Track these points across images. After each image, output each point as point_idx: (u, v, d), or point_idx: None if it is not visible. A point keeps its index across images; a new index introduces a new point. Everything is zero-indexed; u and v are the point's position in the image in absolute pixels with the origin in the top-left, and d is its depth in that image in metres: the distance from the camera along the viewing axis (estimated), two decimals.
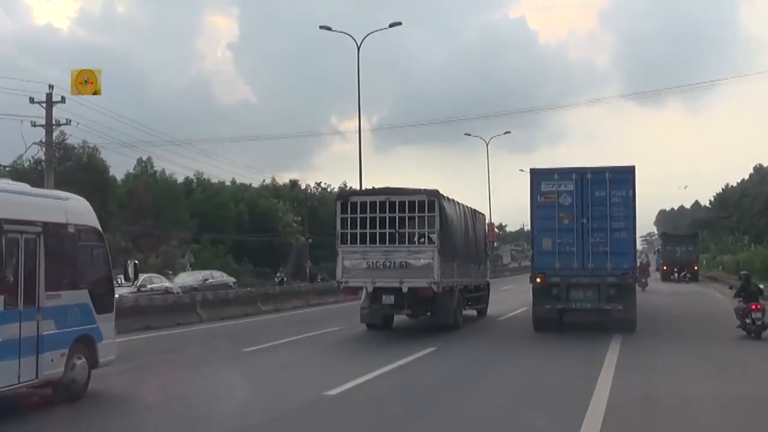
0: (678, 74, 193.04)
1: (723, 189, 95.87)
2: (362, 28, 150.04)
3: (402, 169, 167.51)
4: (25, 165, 43.35)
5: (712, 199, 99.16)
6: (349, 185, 78.73)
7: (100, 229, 10.54)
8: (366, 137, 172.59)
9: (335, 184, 77.79)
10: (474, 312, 21.86)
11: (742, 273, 19.14)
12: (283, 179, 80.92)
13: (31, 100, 28.97)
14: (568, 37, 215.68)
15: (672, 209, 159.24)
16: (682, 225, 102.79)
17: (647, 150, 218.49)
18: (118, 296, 14.06)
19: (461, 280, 19.40)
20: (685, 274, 47.86)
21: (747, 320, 16.49)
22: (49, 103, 28.98)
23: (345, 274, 17.60)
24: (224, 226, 58.52)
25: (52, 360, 9.28)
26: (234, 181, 69.44)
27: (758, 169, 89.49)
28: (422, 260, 17.07)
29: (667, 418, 8.70)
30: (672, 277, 48.51)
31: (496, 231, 73.24)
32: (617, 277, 16.88)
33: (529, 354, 14.69)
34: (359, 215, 17.37)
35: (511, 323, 20.66)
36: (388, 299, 17.45)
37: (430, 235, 17.53)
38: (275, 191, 71.90)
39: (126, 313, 16.73)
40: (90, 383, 10.10)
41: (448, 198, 18.41)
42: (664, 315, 22.67)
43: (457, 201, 19.62)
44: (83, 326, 9.93)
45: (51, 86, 29.22)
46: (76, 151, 50.34)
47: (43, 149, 29.83)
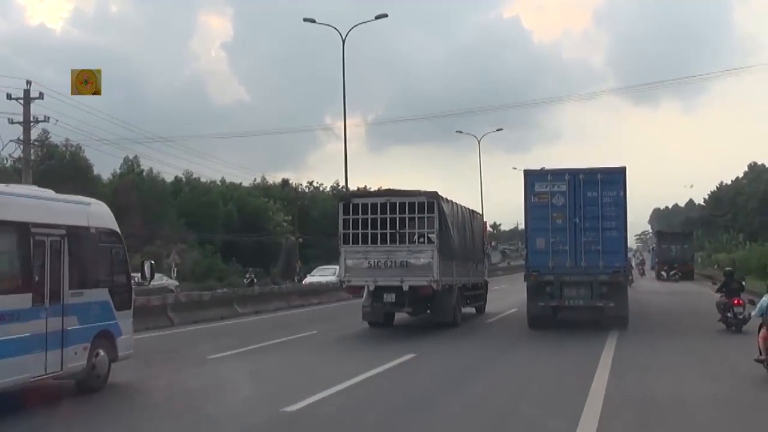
0: (673, 74, 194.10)
1: (717, 187, 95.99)
2: (357, 28, 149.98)
3: (397, 169, 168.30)
4: (5, 164, 42.72)
5: (707, 198, 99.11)
6: (342, 184, 79.36)
7: (119, 232, 11.25)
8: (361, 136, 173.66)
9: (328, 184, 77.73)
10: (473, 309, 22.34)
11: (726, 269, 19.81)
12: (277, 179, 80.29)
13: (9, 97, 28.14)
14: (563, 37, 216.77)
15: (666, 207, 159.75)
16: (677, 223, 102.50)
17: (642, 149, 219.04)
18: None
19: (460, 279, 19.89)
20: (674, 273, 46.93)
21: (728, 314, 17.14)
22: (27, 100, 28.27)
23: (348, 274, 18.14)
24: (213, 226, 57.62)
25: (76, 353, 9.98)
26: (224, 181, 68.38)
27: (753, 167, 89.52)
28: (422, 259, 17.57)
29: (661, 414, 8.88)
30: (661, 276, 48.04)
31: (489, 230, 73.24)
32: (609, 275, 17.26)
33: (525, 353, 14.76)
34: (361, 216, 17.87)
35: (504, 323, 20.66)
36: (390, 297, 17.95)
37: (430, 235, 18.02)
38: (265, 190, 70.83)
39: None
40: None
41: (447, 199, 18.89)
42: (656, 313, 22.89)
43: (455, 202, 20.14)
44: (104, 322, 10.63)
45: (28, 82, 28.53)
46: (59, 150, 49.47)
47: (21, 147, 28.80)
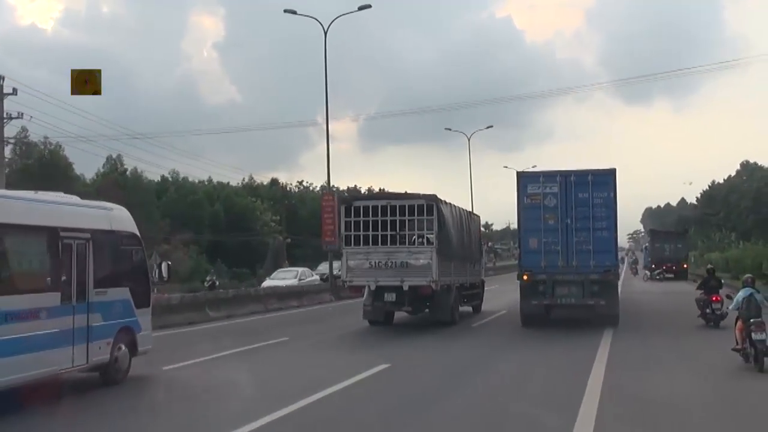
0: (664, 73, 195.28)
1: (710, 186, 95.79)
2: (350, 28, 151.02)
3: (389, 169, 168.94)
4: None
5: (699, 196, 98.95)
6: (333, 183, 79.64)
7: (138, 234, 11.99)
8: (352, 137, 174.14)
9: (318, 183, 77.46)
10: (470, 308, 22.89)
11: (708, 267, 20.64)
12: (267, 179, 79.45)
13: None
14: (555, 37, 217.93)
15: (659, 207, 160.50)
16: (670, 222, 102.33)
17: (634, 148, 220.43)
18: None
19: (458, 279, 20.50)
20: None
21: (707, 310, 17.91)
22: (0, 95, 27.85)
23: (349, 274, 18.76)
24: (199, 226, 56.57)
25: (100, 348, 10.74)
26: (210, 180, 67.32)
27: (745, 165, 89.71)
28: (422, 260, 18.19)
29: (654, 407, 9.19)
30: (646, 275, 46.68)
31: (483, 230, 73.38)
32: (600, 274, 17.68)
33: (521, 353, 14.82)
34: (362, 218, 18.51)
35: (496, 324, 20.42)
36: (390, 297, 18.55)
37: (429, 237, 18.63)
38: (253, 190, 69.70)
39: None
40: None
41: (446, 201, 19.57)
42: (647, 312, 23.14)
43: (453, 204, 20.83)
44: (125, 319, 11.41)
45: (1, 77, 28.08)
46: (37, 148, 48.73)
47: None
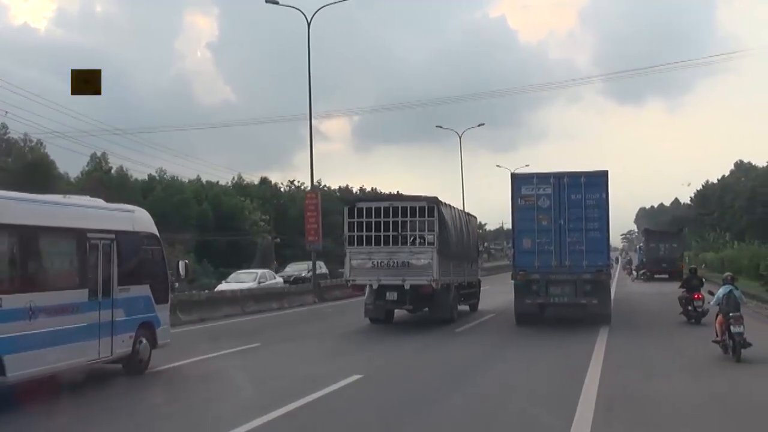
0: (657, 73, 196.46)
1: (703, 185, 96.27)
2: (348, 27, 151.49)
3: (383, 169, 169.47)
4: None
5: (693, 196, 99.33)
6: (324, 183, 79.28)
7: (158, 235, 12.80)
8: (346, 137, 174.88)
9: (309, 183, 78.54)
10: (467, 307, 23.42)
11: (691, 267, 21.53)
12: (258, 178, 78.58)
13: None
14: (549, 37, 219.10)
15: (652, 207, 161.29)
16: (664, 222, 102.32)
17: (628, 148, 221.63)
18: None
19: (457, 278, 21.16)
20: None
21: (689, 308, 18.69)
22: None
23: (352, 273, 19.38)
24: (186, 226, 55.21)
25: (123, 341, 11.56)
26: (199, 179, 66.49)
27: (739, 165, 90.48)
28: (422, 260, 18.76)
29: (649, 404, 9.50)
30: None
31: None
32: (592, 274, 18.05)
33: (517, 353, 14.90)
34: (365, 219, 19.11)
35: (482, 330, 19.50)
36: (392, 296, 19.13)
37: (430, 238, 19.23)
38: (242, 189, 68.93)
39: None
40: None
41: (446, 203, 20.23)
42: (639, 312, 23.36)
43: (453, 205, 21.53)
44: (146, 314, 12.23)
45: None
46: (16, 145, 48.70)
47: None
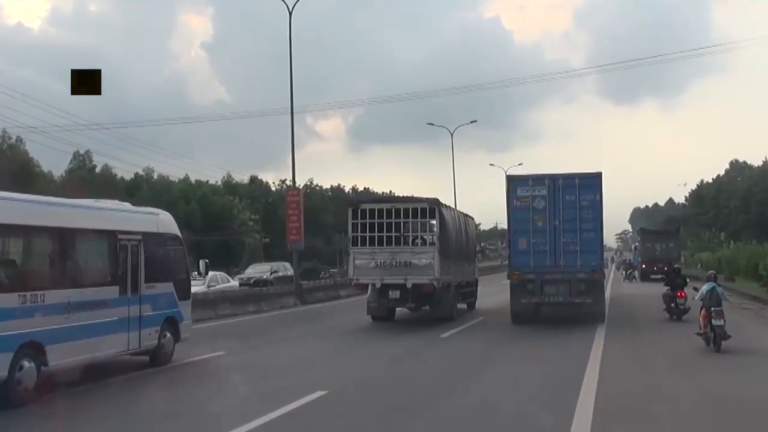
0: (653, 73, 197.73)
1: (698, 185, 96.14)
2: (341, 27, 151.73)
3: (376, 169, 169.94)
4: None
5: (687, 196, 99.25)
6: (316, 182, 79.92)
7: (180, 236, 13.76)
8: (341, 137, 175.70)
9: (301, 182, 76.61)
10: (464, 305, 23.99)
11: (675, 266, 22.48)
12: (248, 177, 78.58)
13: None
14: (544, 37, 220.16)
15: (647, 206, 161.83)
16: (658, 222, 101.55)
17: (622, 148, 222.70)
18: None
19: (456, 277, 21.79)
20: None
21: (672, 305, 19.56)
22: None
23: (356, 273, 20.00)
24: None
25: (150, 334, 12.50)
26: (187, 178, 66.28)
27: (734, 165, 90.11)
28: (424, 260, 19.32)
29: (644, 398, 9.81)
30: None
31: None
32: (586, 274, 18.40)
33: (516, 353, 14.97)
34: (368, 221, 19.73)
35: (468, 336, 18.15)
36: (394, 294, 19.70)
37: (431, 238, 19.92)
38: (232, 188, 68.59)
39: None
40: None
41: (446, 205, 20.99)
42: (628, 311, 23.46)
43: (452, 207, 22.39)
44: (170, 309, 13.19)
45: None
46: None
47: None
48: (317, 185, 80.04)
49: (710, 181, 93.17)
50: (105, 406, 10.09)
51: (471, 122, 63.15)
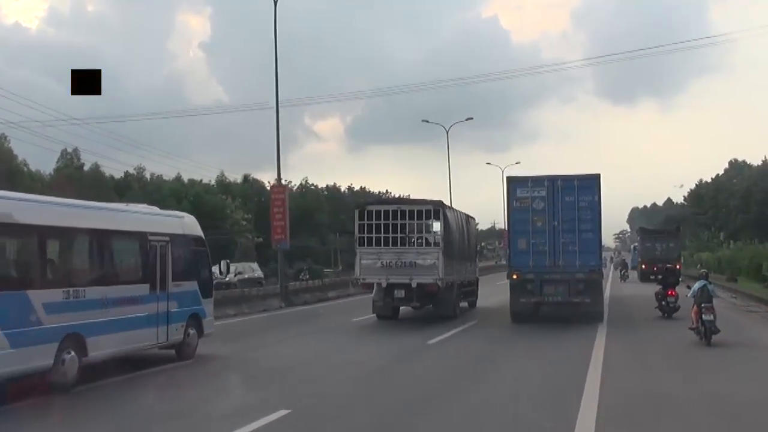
0: (651, 73, 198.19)
1: (697, 184, 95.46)
2: (340, 27, 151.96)
3: (375, 169, 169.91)
4: None
5: (686, 196, 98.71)
6: (312, 181, 78.41)
7: (203, 238, 14.64)
8: (339, 137, 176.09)
9: (297, 181, 76.65)
10: (465, 304, 24.15)
11: (668, 266, 23.31)
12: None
13: None
14: (541, 37, 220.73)
15: (645, 207, 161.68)
16: (657, 222, 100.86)
17: (620, 147, 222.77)
18: None
19: (458, 277, 22.41)
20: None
21: (664, 303, 20.32)
22: None
23: (363, 272, 20.57)
24: None
25: (176, 329, 13.34)
26: (179, 176, 65.55)
27: (733, 164, 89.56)
28: (428, 260, 19.91)
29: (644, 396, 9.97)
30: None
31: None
32: (585, 274, 18.69)
33: (515, 353, 14.97)
34: (374, 222, 20.35)
35: (457, 342, 17.11)
36: (400, 293, 20.28)
37: (435, 239, 20.57)
38: (225, 187, 67.58)
39: None
40: None
41: (450, 207, 21.68)
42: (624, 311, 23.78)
43: (455, 208, 23.03)
44: (194, 306, 14.03)
45: None
46: None
47: None
48: (312, 184, 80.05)
49: (709, 181, 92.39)
50: (105, 405, 10.15)
51: (467, 119, 61.59)
